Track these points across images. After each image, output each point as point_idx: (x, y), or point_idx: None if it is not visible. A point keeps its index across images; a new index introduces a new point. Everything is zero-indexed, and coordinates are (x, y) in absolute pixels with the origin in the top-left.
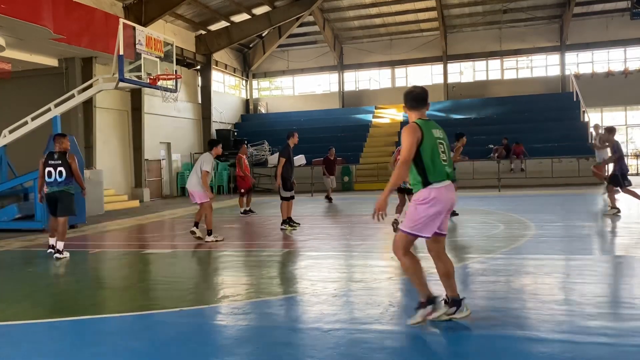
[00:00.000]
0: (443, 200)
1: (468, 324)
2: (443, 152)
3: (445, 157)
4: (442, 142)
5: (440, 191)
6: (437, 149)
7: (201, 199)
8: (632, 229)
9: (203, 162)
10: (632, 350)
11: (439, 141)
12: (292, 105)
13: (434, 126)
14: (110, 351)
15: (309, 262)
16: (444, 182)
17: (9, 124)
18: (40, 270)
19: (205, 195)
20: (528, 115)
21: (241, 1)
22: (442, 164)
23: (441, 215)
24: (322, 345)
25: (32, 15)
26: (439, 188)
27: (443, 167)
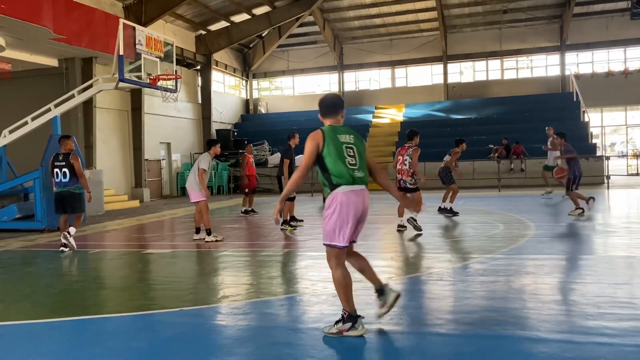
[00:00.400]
0: (350, 205)
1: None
2: (351, 156)
3: (354, 162)
4: (351, 147)
5: (347, 195)
6: (342, 153)
7: (197, 198)
8: (632, 229)
9: (200, 161)
10: (631, 350)
11: (347, 145)
12: (292, 105)
13: (344, 131)
14: (110, 351)
15: (309, 262)
16: (351, 186)
17: (9, 124)
18: (40, 270)
19: (201, 194)
20: (528, 115)
21: (241, 1)
22: (348, 168)
23: (351, 222)
24: (322, 345)
25: (32, 15)
26: (345, 192)
27: (349, 171)
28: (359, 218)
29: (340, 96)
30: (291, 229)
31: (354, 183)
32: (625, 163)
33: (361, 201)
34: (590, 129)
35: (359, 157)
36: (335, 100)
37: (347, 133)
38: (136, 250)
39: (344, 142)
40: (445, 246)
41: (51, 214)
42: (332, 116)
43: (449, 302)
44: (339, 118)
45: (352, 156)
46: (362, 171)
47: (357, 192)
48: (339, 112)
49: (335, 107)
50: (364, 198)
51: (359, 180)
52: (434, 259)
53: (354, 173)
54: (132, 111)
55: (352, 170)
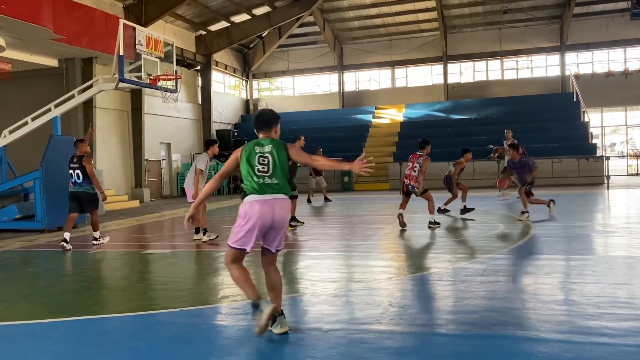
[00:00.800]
0: (254, 214)
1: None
2: (262, 165)
3: (264, 169)
4: (265, 156)
5: (251, 205)
6: (254, 162)
7: (193, 198)
8: (632, 229)
9: (198, 161)
10: (632, 350)
11: (261, 155)
12: (292, 106)
13: (265, 143)
14: (110, 351)
15: (309, 262)
16: (258, 195)
17: (9, 124)
18: (40, 270)
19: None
20: (528, 115)
21: (241, 1)
22: (256, 178)
23: (256, 230)
24: (322, 345)
25: (32, 15)
26: (250, 202)
27: (255, 181)
28: (268, 226)
29: (276, 113)
30: (291, 229)
31: (261, 192)
32: (625, 163)
33: (269, 210)
34: (590, 129)
35: (273, 165)
36: (270, 117)
37: (268, 144)
38: (136, 250)
39: (259, 152)
40: (445, 246)
41: (51, 214)
42: (263, 131)
43: (449, 302)
44: (272, 133)
45: (264, 164)
46: (275, 178)
47: (263, 201)
48: (272, 128)
49: (264, 124)
50: (274, 207)
51: (268, 189)
52: (434, 259)
53: (262, 181)
54: (132, 111)
55: (261, 177)
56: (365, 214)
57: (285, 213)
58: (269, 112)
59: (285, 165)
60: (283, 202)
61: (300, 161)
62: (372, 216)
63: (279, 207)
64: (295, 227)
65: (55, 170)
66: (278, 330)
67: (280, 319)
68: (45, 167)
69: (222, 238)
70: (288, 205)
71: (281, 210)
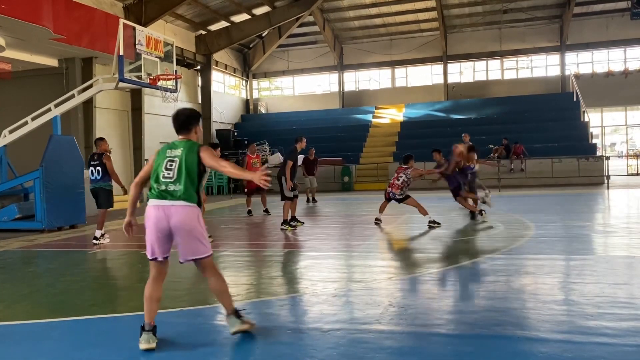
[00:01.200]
0: (150, 220)
1: (468, 324)
2: (168, 170)
3: (170, 175)
4: (173, 160)
5: (147, 210)
6: (162, 166)
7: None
8: (632, 229)
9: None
10: (631, 350)
11: (170, 159)
12: (292, 106)
13: (177, 146)
14: (110, 351)
15: (309, 262)
16: (156, 200)
17: (9, 124)
18: (40, 270)
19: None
20: (528, 115)
21: (241, 1)
22: (159, 182)
23: (154, 236)
24: (322, 345)
25: (32, 15)
26: (149, 206)
27: (156, 187)
28: (166, 233)
29: (195, 111)
30: (291, 229)
31: (160, 197)
32: (625, 163)
33: (163, 216)
34: (590, 129)
35: (178, 171)
36: (188, 117)
37: (180, 147)
38: (136, 250)
39: (169, 156)
40: (445, 246)
41: (51, 214)
42: (183, 132)
43: (449, 302)
44: (192, 135)
45: (170, 169)
46: (179, 185)
47: (158, 207)
48: (192, 129)
49: (187, 124)
50: (169, 213)
51: (167, 196)
52: (434, 259)
53: (165, 187)
54: (132, 111)
55: (165, 183)
56: (365, 214)
57: (184, 219)
58: (187, 112)
59: (193, 170)
60: (181, 209)
61: (209, 165)
62: (372, 216)
63: (175, 212)
64: (295, 227)
65: (55, 170)
66: (233, 329)
67: (230, 319)
68: (45, 167)
69: (223, 238)
70: (188, 212)
71: (178, 216)
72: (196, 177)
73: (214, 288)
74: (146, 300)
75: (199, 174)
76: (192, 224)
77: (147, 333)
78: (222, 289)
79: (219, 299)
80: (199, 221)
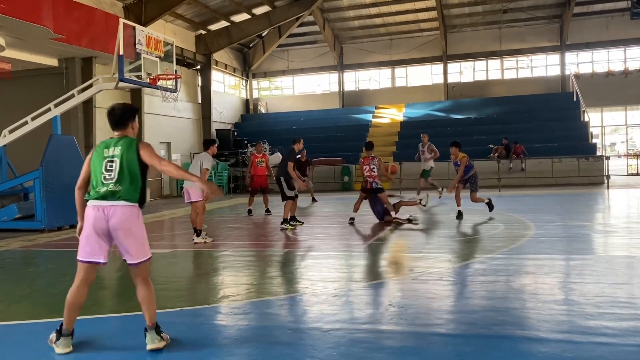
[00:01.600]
0: (89, 220)
1: (468, 324)
2: (109, 171)
3: (111, 176)
4: (112, 160)
5: (88, 210)
6: (101, 168)
7: (196, 197)
8: (632, 229)
9: (203, 161)
10: (631, 350)
11: (109, 159)
12: (292, 105)
13: (114, 144)
14: (110, 351)
15: (309, 262)
16: (94, 201)
17: (9, 124)
18: (40, 270)
19: (200, 194)
20: (528, 115)
21: (241, 1)
22: (101, 184)
23: (94, 237)
24: (322, 345)
25: (32, 15)
26: (89, 206)
27: (96, 189)
28: (106, 233)
29: (130, 106)
30: (291, 228)
31: (99, 199)
32: (625, 163)
33: (102, 217)
34: (590, 129)
35: (119, 171)
36: (123, 113)
37: (117, 145)
38: None
39: (107, 156)
40: (445, 246)
41: (51, 213)
42: (120, 129)
43: (449, 302)
44: (129, 130)
45: (111, 170)
46: (119, 185)
47: (97, 207)
48: (128, 125)
49: (123, 121)
50: (108, 213)
51: (108, 196)
52: (434, 259)
53: (106, 189)
54: None
55: (107, 185)
56: (365, 214)
57: (123, 220)
58: (122, 108)
59: (134, 168)
60: (120, 209)
61: (148, 163)
62: (371, 216)
63: (115, 213)
64: (294, 227)
65: (55, 170)
66: (149, 346)
67: (150, 334)
68: (45, 167)
69: (223, 238)
70: (128, 212)
71: (117, 216)
72: (139, 175)
73: (142, 296)
74: (69, 306)
75: (141, 172)
76: (132, 224)
77: (66, 338)
78: (151, 299)
79: (145, 308)
80: (139, 222)
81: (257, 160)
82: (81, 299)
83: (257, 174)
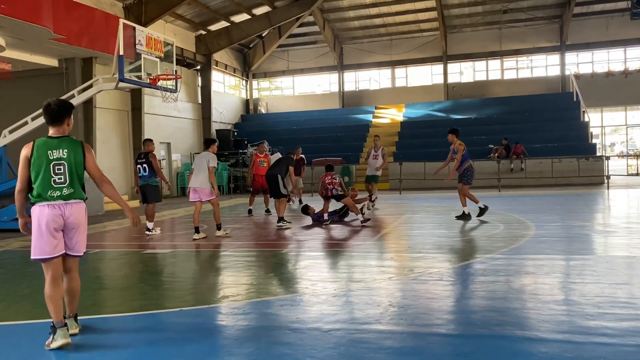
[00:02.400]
0: (43, 217)
1: (468, 324)
2: (58, 174)
3: (61, 179)
4: (61, 163)
5: (40, 209)
6: (48, 171)
7: (209, 196)
8: (632, 229)
9: (210, 160)
10: (632, 350)
11: (57, 162)
12: (292, 106)
13: (56, 145)
14: (111, 351)
15: (309, 262)
16: (49, 201)
17: (9, 124)
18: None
19: (210, 194)
20: (528, 115)
21: (241, 1)
22: (53, 188)
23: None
24: (322, 345)
25: (32, 15)
26: (41, 206)
27: (50, 189)
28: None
29: (67, 102)
30: (288, 224)
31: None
32: (625, 163)
33: (59, 214)
34: (590, 129)
35: (70, 174)
36: (60, 109)
37: (63, 147)
38: (136, 250)
39: (54, 159)
40: (445, 246)
41: None
42: (56, 125)
43: (449, 302)
44: (65, 127)
45: (61, 174)
46: (71, 188)
47: (52, 205)
48: (63, 120)
49: (60, 116)
50: (65, 211)
51: (60, 199)
52: (434, 259)
53: (60, 192)
54: (132, 111)
55: (60, 189)
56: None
57: (78, 216)
58: (58, 104)
59: (82, 171)
60: (76, 206)
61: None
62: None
63: (72, 210)
64: (282, 227)
65: None
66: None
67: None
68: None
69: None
70: (82, 209)
71: (74, 213)
72: (83, 174)
73: (72, 288)
74: (50, 301)
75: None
76: (83, 220)
77: (62, 329)
78: (77, 291)
79: (69, 300)
80: (86, 217)
81: (259, 160)
82: (61, 291)
83: (258, 173)
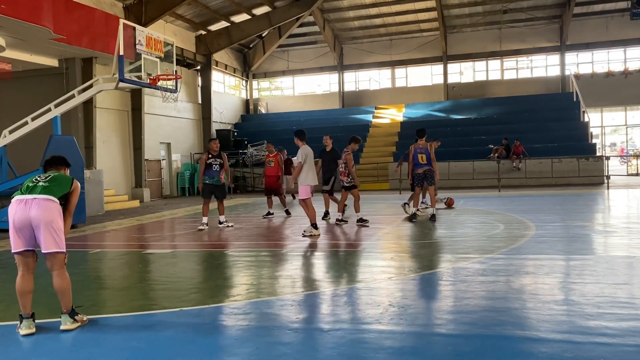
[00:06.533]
0: (11, 212)
1: (468, 324)
2: (37, 179)
3: (37, 179)
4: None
5: (12, 204)
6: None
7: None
8: (632, 229)
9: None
10: (632, 350)
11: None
12: (292, 106)
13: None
14: (110, 351)
15: (309, 262)
16: (19, 196)
17: (9, 124)
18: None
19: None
20: (528, 115)
21: (241, 1)
22: (26, 185)
23: (16, 229)
24: (322, 345)
25: (32, 15)
26: (12, 201)
27: (24, 189)
28: (27, 225)
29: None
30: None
31: (24, 193)
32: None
33: (24, 208)
34: (590, 129)
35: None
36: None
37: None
38: (136, 250)
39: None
40: (445, 246)
41: None
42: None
43: (449, 302)
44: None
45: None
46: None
47: (20, 200)
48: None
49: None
50: (30, 206)
51: (32, 191)
52: (434, 259)
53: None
54: (132, 111)
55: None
56: (365, 214)
57: (43, 212)
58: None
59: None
60: (43, 202)
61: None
62: (371, 216)
63: (37, 205)
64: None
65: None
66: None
67: (64, 317)
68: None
69: (223, 238)
70: (49, 205)
71: (39, 209)
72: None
73: (58, 286)
74: (20, 295)
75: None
76: (52, 217)
77: (27, 320)
78: (66, 288)
79: (61, 296)
80: (59, 216)
81: (268, 160)
82: (28, 287)
83: (266, 174)
